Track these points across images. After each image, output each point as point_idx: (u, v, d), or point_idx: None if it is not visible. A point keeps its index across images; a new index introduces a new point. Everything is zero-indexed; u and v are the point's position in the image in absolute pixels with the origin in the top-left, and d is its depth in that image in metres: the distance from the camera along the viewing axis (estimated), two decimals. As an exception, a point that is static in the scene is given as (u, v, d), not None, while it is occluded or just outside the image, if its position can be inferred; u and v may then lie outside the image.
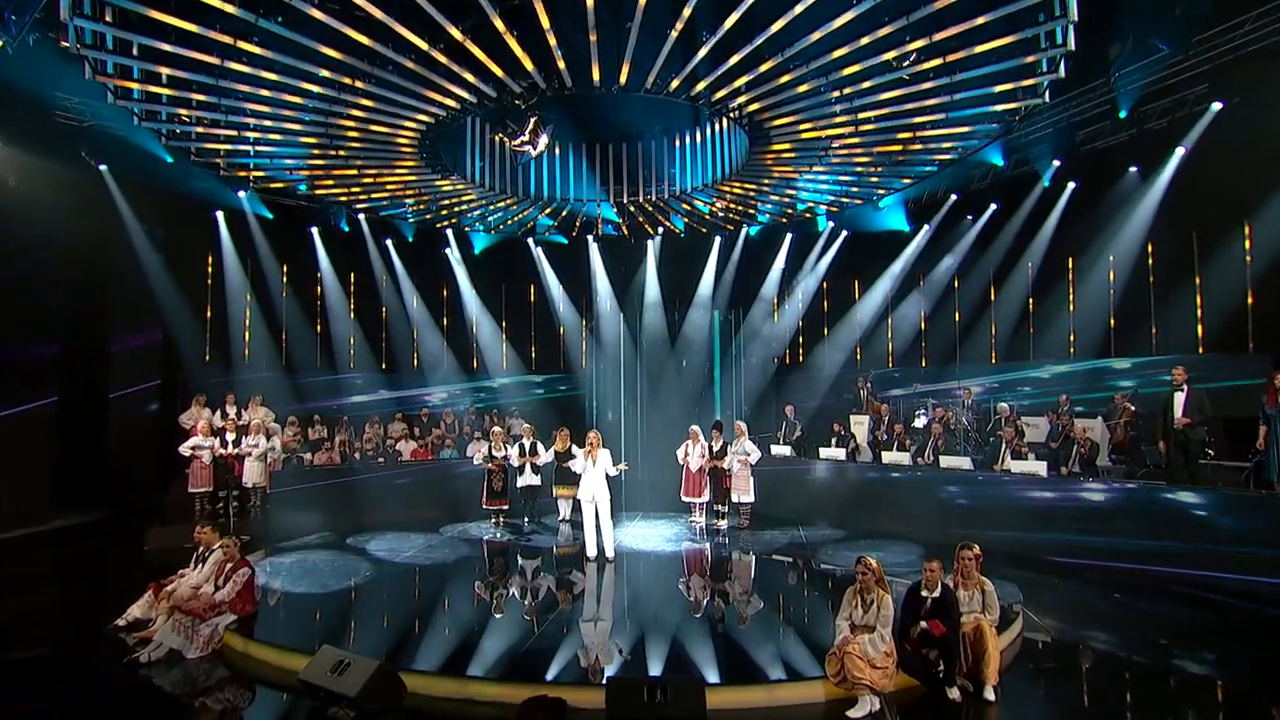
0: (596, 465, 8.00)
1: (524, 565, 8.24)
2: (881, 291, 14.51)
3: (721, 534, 9.46)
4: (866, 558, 5.05)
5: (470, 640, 5.75)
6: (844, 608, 5.09)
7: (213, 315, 12.60)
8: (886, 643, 4.86)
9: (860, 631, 4.94)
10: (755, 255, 15.22)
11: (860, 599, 5.03)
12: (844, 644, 4.83)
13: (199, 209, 11.72)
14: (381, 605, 6.78)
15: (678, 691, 4.25)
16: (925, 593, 5.07)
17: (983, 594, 5.20)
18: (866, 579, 4.99)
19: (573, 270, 15.78)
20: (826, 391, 14.63)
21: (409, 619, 6.34)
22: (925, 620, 4.93)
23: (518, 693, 4.62)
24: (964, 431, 11.11)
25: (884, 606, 4.93)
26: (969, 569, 5.22)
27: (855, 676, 4.67)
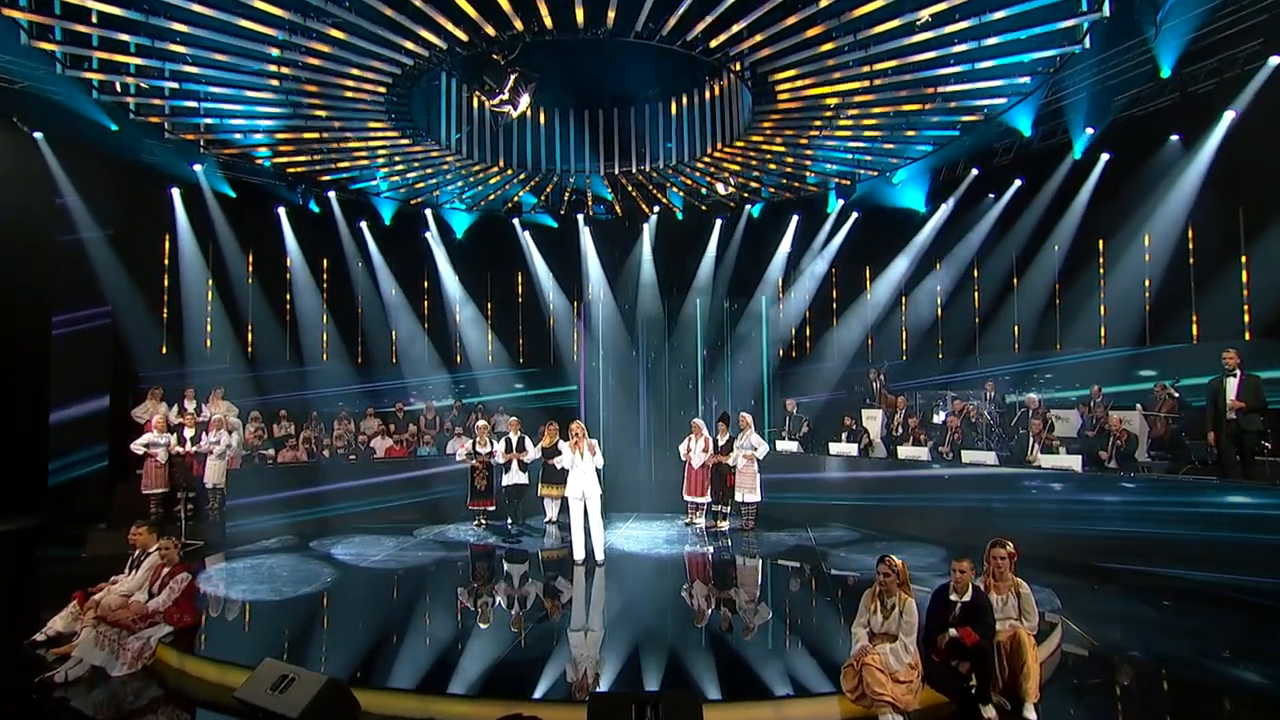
0: (585, 459, 7.59)
1: (506, 570, 7.86)
2: (895, 277, 14.15)
3: (723, 536, 9.07)
4: (890, 557, 4.65)
5: (439, 653, 5.36)
6: (861, 613, 4.70)
7: (169, 303, 12.19)
8: (911, 653, 4.46)
9: (880, 640, 4.54)
10: (759, 238, 14.86)
11: (880, 603, 4.64)
12: (862, 654, 4.43)
13: (152, 184, 11.29)
14: (341, 614, 6.37)
15: (671, 708, 3.84)
16: (954, 596, 4.67)
17: (1018, 598, 4.81)
18: (888, 581, 4.59)
19: (563, 256, 15.44)
20: (835, 384, 14.27)
21: (370, 629, 5.93)
22: (955, 627, 4.53)
23: (489, 711, 4.27)
24: (986, 426, 10.78)
25: (908, 612, 4.53)
26: (1002, 569, 4.82)
27: (875, 692, 4.26)
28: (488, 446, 9.70)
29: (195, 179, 11.43)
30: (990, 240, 12.99)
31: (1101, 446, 8.69)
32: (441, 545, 8.69)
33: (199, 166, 10.96)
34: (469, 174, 11.09)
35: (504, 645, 5.45)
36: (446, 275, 15.37)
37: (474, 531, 9.38)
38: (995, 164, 12.31)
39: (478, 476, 9.60)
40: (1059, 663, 5.20)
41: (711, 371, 14.05)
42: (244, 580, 7.16)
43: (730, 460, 9.27)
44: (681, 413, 12.88)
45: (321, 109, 8.74)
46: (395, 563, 7.86)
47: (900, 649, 4.44)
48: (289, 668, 4.41)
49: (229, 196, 12.16)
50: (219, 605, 6.43)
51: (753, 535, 9.10)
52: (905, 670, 4.41)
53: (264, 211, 12.84)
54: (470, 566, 8.10)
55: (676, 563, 8.02)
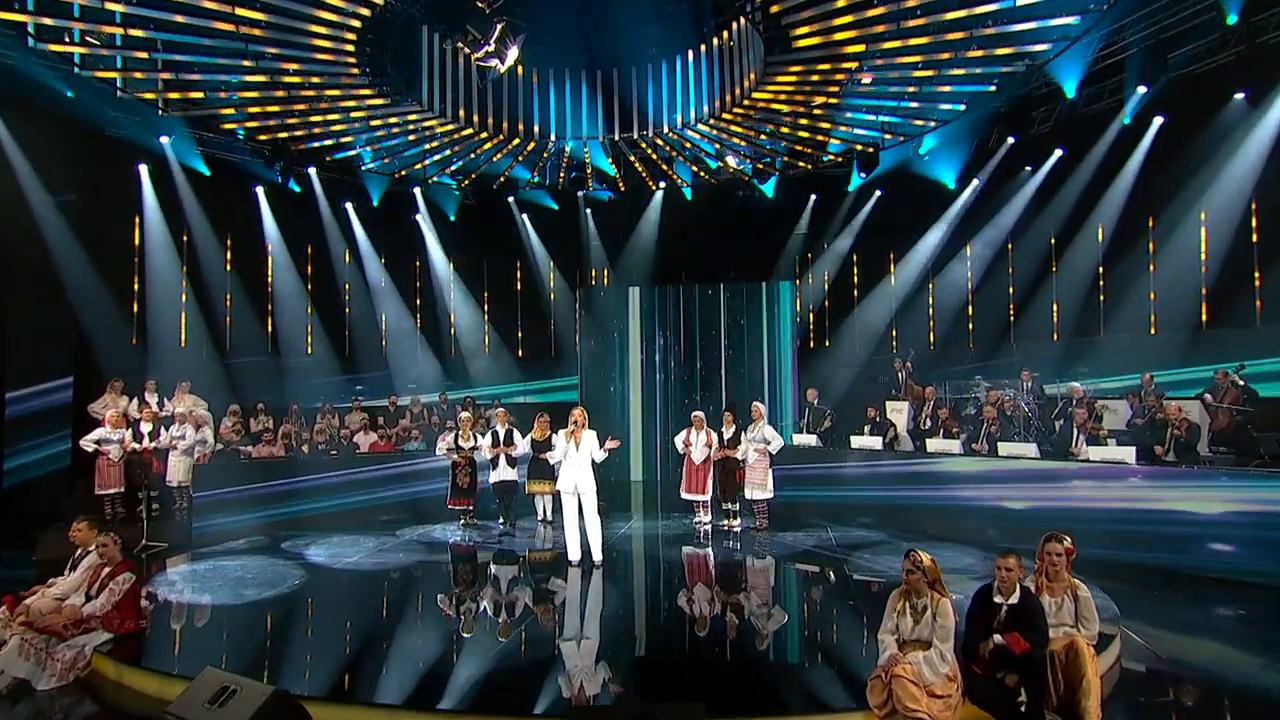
0: (581, 449, 7.18)
1: (490, 573, 7.48)
2: (921, 259, 13.66)
3: (733, 536, 8.62)
4: (917, 552, 4.20)
5: (412, 663, 5.01)
6: (888, 617, 4.25)
7: (139, 289, 11.90)
8: (949, 663, 4.01)
9: (912, 648, 4.10)
10: (773, 220, 14.43)
11: (909, 605, 4.19)
12: (891, 664, 3.98)
13: (116, 159, 10.97)
14: (306, 621, 6.00)
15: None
16: (999, 598, 4.22)
17: (1076, 601, 4.35)
18: (916, 579, 4.14)
19: (564, 240, 15.06)
20: (856, 375, 13.79)
21: (337, 638, 5.56)
22: (1000, 634, 4.07)
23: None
24: (1024, 418, 10.30)
25: (942, 614, 4.08)
26: (1057, 568, 4.36)
27: (908, 708, 3.82)
28: (471, 440, 9.30)
29: (164, 153, 11.09)
30: (1026, 217, 12.47)
31: (1157, 439, 8.17)
32: (424, 546, 8.31)
33: (166, 139, 10.63)
34: (455, 140, 10.68)
35: (485, 655, 5.06)
36: (439, 261, 15.06)
37: (459, 532, 8.99)
38: (1033, 133, 11.78)
39: (460, 473, 9.21)
40: (1119, 678, 4.74)
41: (722, 361, 13.61)
42: (203, 583, 6.82)
43: (739, 454, 8.83)
44: (685, 403, 12.47)
45: (287, 61, 8.36)
46: (372, 565, 7.49)
47: (935, 658, 4.00)
48: (232, 678, 4.03)
49: (203, 175, 11.85)
50: (171, 611, 6.07)
51: (766, 535, 8.65)
52: (942, 683, 3.97)
53: (241, 191, 12.54)
54: (453, 569, 7.73)
55: (681, 565, 7.59)
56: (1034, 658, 3.98)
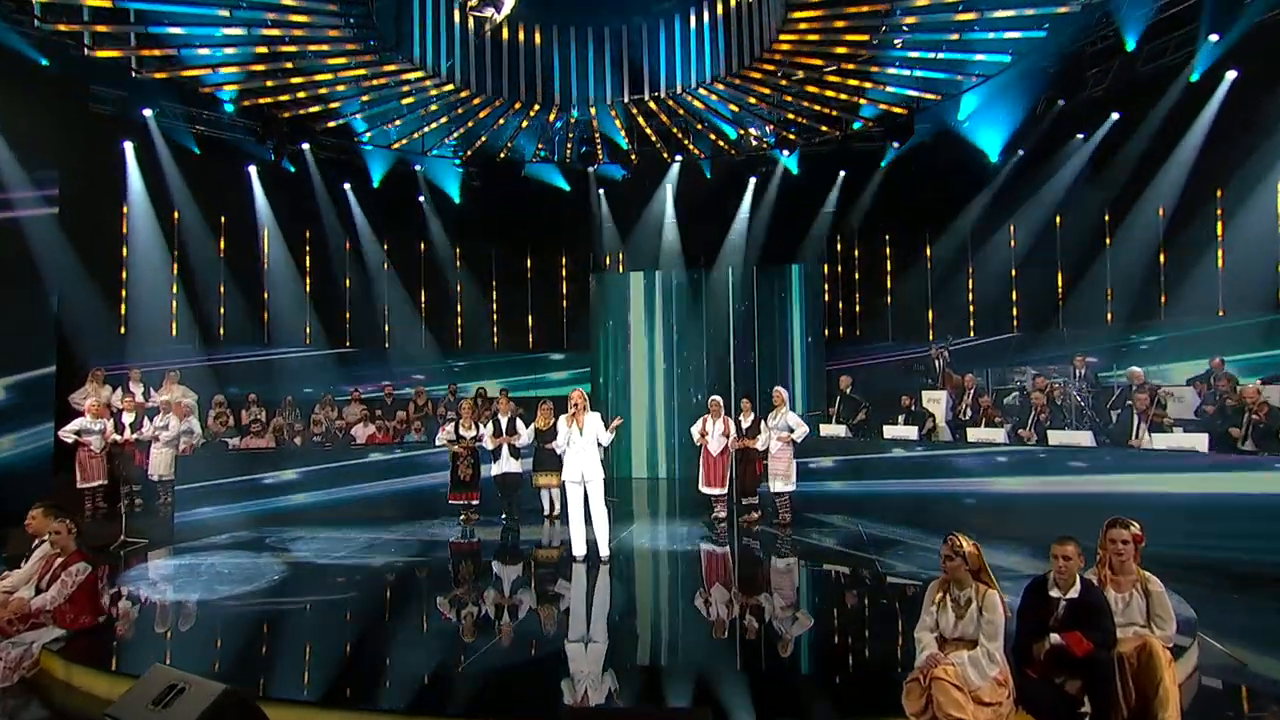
0: (584, 433, 6.82)
1: (490, 570, 7.17)
2: (960, 238, 13.12)
3: (754, 534, 8.20)
4: (957, 536, 3.78)
5: (394, 665, 4.70)
6: (925, 611, 3.84)
7: (127, 276, 11.78)
8: (998, 665, 3.59)
9: (954, 647, 3.68)
10: (799, 198, 13.97)
11: (949, 598, 3.76)
12: (931, 666, 3.57)
13: (100, 136, 10.84)
14: (281, 619, 5.71)
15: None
16: (1056, 592, 3.78)
17: (1147, 597, 3.90)
18: (956, 567, 3.72)
19: (577, 224, 14.75)
20: (889, 363, 13.30)
21: (313, 636, 5.28)
22: (1058, 633, 3.64)
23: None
24: (1076, 407, 9.77)
25: (989, 608, 3.65)
26: (1124, 559, 3.91)
27: (950, 715, 3.40)
28: (473, 430, 8.99)
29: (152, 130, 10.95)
30: (1077, 190, 11.88)
31: (1231, 425, 7.61)
32: (419, 542, 8.02)
33: (149, 112, 10.48)
34: (452, 102, 10.35)
35: (475, 657, 4.70)
36: (443, 247, 14.82)
37: (459, 528, 8.68)
38: (1086, 95, 11.19)
39: (461, 465, 8.91)
40: (1197, 691, 4.26)
41: (742, 348, 13.19)
42: (174, 579, 6.60)
43: (759, 444, 8.40)
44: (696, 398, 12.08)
45: (267, 11, 8.09)
46: (359, 561, 7.20)
47: (983, 658, 3.57)
48: (182, 676, 3.73)
49: (193, 153, 11.72)
50: (136, 607, 5.82)
51: (788, 532, 8.22)
52: (990, 688, 3.54)
53: (234, 171, 12.39)
54: (449, 566, 7.40)
55: (695, 563, 7.20)
56: (1099, 660, 3.54)
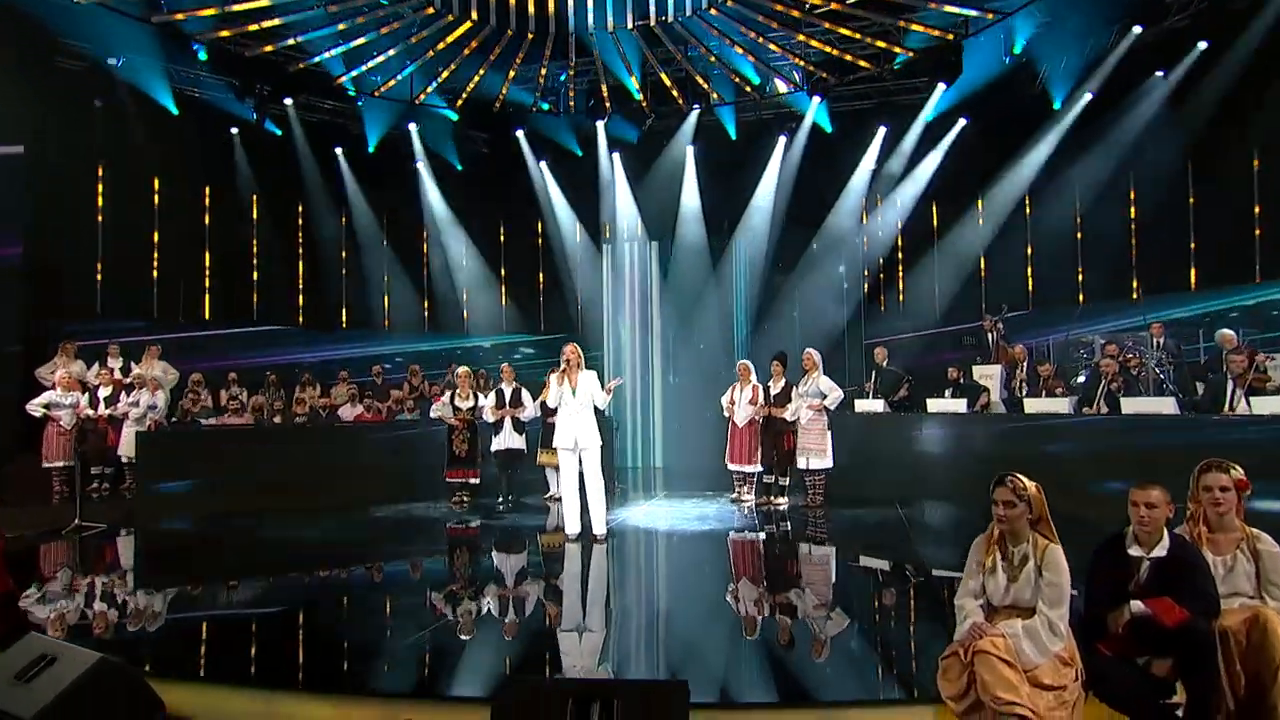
0: (578, 393, 6.33)
1: (477, 547, 6.76)
2: (1015, 195, 12.32)
3: (781, 516, 7.60)
4: (1016, 476, 3.17)
5: (338, 645, 4.26)
6: (969, 573, 3.26)
7: (105, 245, 11.62)
8: (1062, 639, 2.99)
9: (1005, 616, 3.08)
10: (833, 157, 13.32)
11: (1000, 554, 3.16)
12: (974, 637, 2.97)
13: (70, 94, 10.65)
14: (221, 596, 5.30)
15: (634, 703, 2.51)
16: (1137, 549, 3.16)
17: (1256, 559, 3.24)
18: (1016, 516, 3.11)
19: (591, 195, 14.28)
20: (933, 335, 12.58)
21: (252, 612, 4.84)
22: (1142, 599, 3.02)
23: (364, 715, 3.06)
24: (1154, 379, 9.02)
25: (1051, 567, 3.05)
26: (1223, 510, 3.26)
27: (998, 699, 2.81)
28: (471, 400, 8.55)
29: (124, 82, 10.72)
30: (1153, 136, 11.02)
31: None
32: (402, 523, 7.61)
33: (114, 61, 10.24)
34: (436, 34, 9.86)
35: (434, 636, 4.24)
36: (443, 217, 14.45)
37: (451, 510, 8.25)
38: (1167, 25, 10.34)
39: (457, 439, 8.48)
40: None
41: (768, 319, 12.62)
42: (110, 557, 6.26)
43: (788, 414, 7.81)
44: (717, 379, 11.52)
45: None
46: (328, 539, 6.80)
47: (1042, 629, 2.98)
48: (56, 645, 3.33)
49: (171, 114, 11.50)
50: (58, 585, 5.46)
51: (822, 514, 7.60)
52: (1052, 668, 2.95)
53: (217, 134, 12.16)
54: (432, 544, 6.95)
55: (711, 548, 6.62)
56: (1197, 634, 2.91)
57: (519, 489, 8.61)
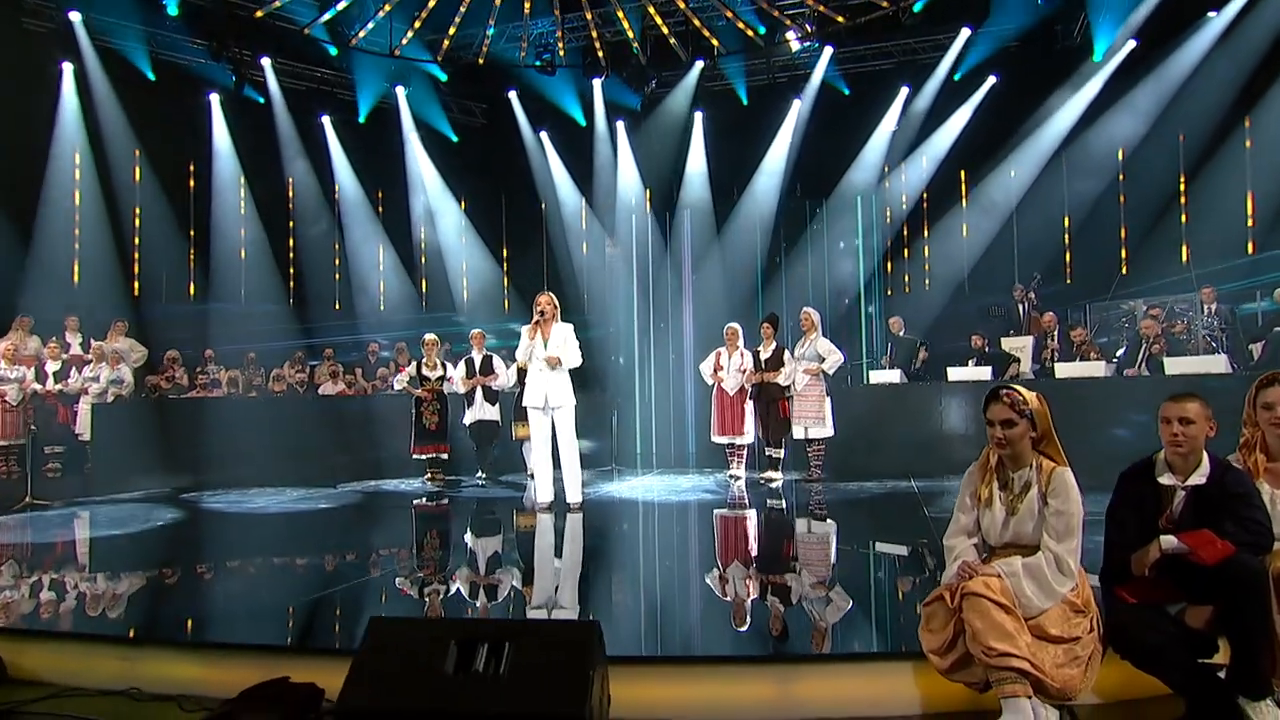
0: (549, 348, 5.91)
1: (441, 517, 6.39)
2: (1047, 151, 11.67)
3: (777, 491, 7.09)
4: (1013, 388, 2.67)
5: (202, 602, 3.96)
6: (960, 508, 2.78)
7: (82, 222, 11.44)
8: (1072, 579, 2.50)
9: (1005, 554, 2.59)
10: (851, 119, 12.79)
11: (998, 482, 2.67)
12: (962, 577, 2.49)
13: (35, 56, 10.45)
14: (128, 556, 5.04)
15: (533, 648, 2.07)
16: (1169, 477, 2.64)
17: (1315, 487, 2.71)
18: (1016, 436, 2.61)
19: (597, 171, 13.88)
20: (957, 306, 11.98)
21: (157, 572, 4.52)
22: (1176, 535, 2.51)
23: (234, 675, 2.66)
24: (1203, 344, 8.43)
25: (1060, 494, 2.55)
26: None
27: (992, 649, 2.32)
28: (439, 370, 8.17)
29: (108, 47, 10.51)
30: (1203, 81, 10.33)
31: None
32: (365, 497, 7.26)
33: (77, 15, 10.01)
34: None
35: (341, 596, 3.84)
36: (439, 195, 14.11)
37: (422, 487, 7.89)
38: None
39: (425, 411, 8.10)
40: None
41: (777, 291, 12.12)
42: (42, 526, 6.01)
43: (781, 378, 7.30)
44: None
45: None
46: (278, 511, 6.46)
47: (1047, 567, 2.48)
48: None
49: (148, 80, 11.29)
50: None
51: (822, 488, 7.08)
52: (1060, 615, 2.46)
53: (192, 100, 11.93)
54: (393, 517, 6.58)
55: (696, 521, 6.15)
56: (1242, 571, 2.38)
57: (493, 465, 8.21)
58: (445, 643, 2.07)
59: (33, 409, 8.71)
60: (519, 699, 1.95)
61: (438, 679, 1.98)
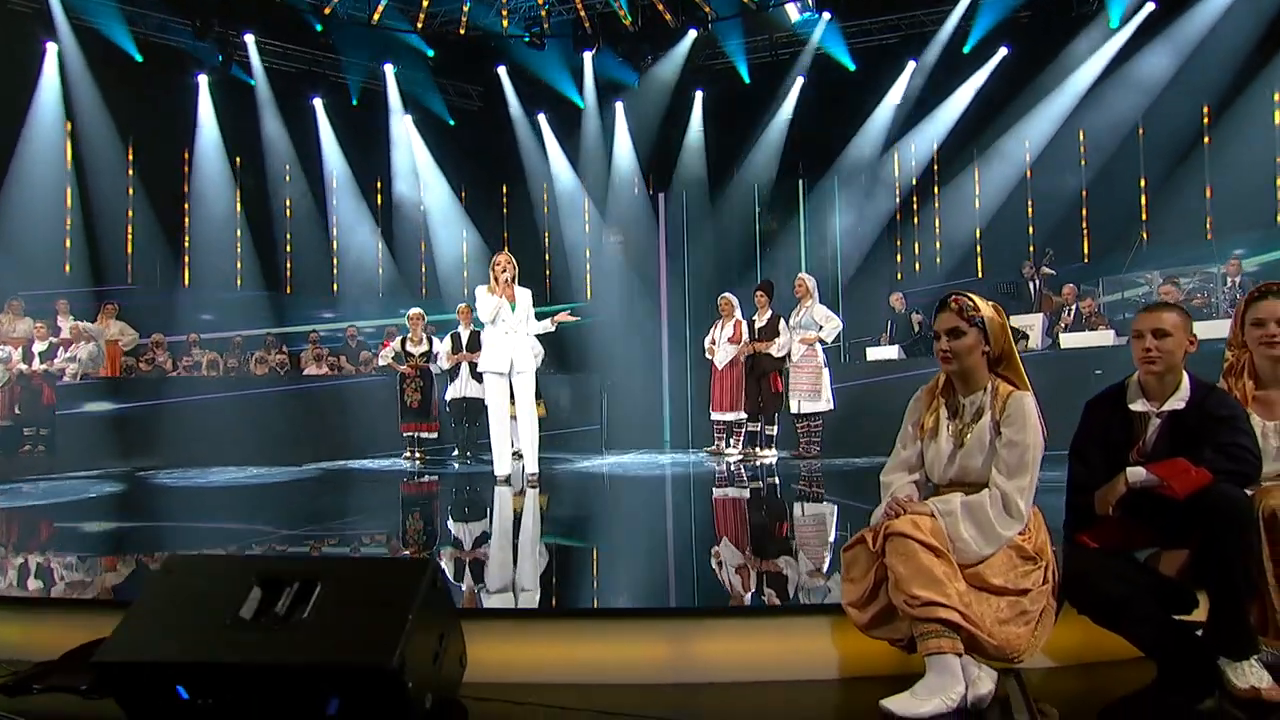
0: (516, 310, 5.60)
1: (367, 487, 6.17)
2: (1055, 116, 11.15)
3: (770, 469, 6.69)
4: (964, 294, 2.28)
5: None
6: (904, 435, 2.40)
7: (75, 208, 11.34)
8: (1021, 519, 2.10)
9: (949, 491, 2.20)
10: (856, 94, 12.37)
11: (946, 406, 2.29)
12: (890, 514, 2.10)
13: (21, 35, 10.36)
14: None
15: (352, 586, 1.74)
16: (1142, 403, 2.24)
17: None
18: (962, 349, 2.21)
19: (599, 158, 13.56)
20: (966, 285, 11.51)
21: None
22: (1146, 467, 2.10)
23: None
24: (1225, 314, 7.94)
25: (1014, 420, 2.15)
26: (1279, 351, 2.31)
27: (914, 597, 1.95)
28: (424, 345, 7.91)
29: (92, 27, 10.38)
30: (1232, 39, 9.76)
31: None
32: (325, 474, 7.04)
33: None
34: None
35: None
36: (436, 181, 13.86)
37: (397, 466, 7.63)
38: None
39: (409, 389, 7.85)
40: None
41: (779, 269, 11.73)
42: None
43: (775, 349, 6.91)
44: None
45: None
46: (220, 485, 6.27)
47: (992, 506, 2.09)
48: None
49: (135, 61, 11.15)
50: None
51: (819, 464, 6.67)
52: (1006, 564, 2.08)
53: (182, 82, 11.78)
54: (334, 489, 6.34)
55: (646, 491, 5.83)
56: (1220, 501, 1.97)
57: (478, 442, 7.91)
58: (247, 582, 1.74)
59: (19, 389, 8.69)
60: (315, 648, 1.62)
61: (220, 625, 1.65)
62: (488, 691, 2.04)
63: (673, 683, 2.11)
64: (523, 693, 2.06)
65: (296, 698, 1.66)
